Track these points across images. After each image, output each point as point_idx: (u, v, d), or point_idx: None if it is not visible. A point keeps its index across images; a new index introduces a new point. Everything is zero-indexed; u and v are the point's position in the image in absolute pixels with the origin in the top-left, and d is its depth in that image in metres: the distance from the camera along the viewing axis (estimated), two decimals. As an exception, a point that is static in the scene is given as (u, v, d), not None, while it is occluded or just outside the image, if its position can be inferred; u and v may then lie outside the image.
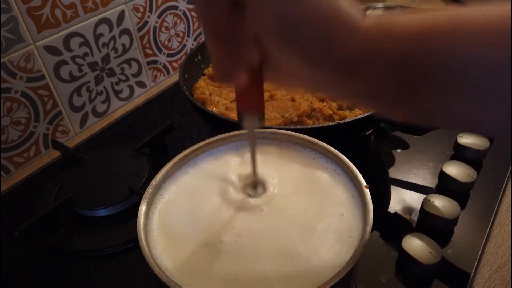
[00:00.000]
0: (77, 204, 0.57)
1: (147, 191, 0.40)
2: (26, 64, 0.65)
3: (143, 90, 0.88)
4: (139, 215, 0.38)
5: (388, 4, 1.09)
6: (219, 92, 0.69)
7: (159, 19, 0.85)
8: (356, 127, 0.56)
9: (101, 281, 0.51)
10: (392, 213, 0.56)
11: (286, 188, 0.42)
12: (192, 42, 0.95)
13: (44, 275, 0.52)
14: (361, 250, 0.33)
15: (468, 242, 0.51)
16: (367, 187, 0.38)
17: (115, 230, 0.55)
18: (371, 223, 0.35)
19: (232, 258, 0.36)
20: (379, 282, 0.47)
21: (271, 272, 0.35)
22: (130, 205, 0.58)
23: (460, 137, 0.63)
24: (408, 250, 0.47)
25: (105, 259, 0.53)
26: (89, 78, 0.75)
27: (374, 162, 0.66)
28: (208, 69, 0.75)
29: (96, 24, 0.73)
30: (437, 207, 0.51)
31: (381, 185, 0.60)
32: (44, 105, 0.69)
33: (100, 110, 0.80)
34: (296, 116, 0.59)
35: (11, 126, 0.66)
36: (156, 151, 0.67)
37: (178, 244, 0.38)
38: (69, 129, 0.75)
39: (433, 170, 0.61)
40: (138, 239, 0.36)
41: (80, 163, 0.64)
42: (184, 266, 0.36)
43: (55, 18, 0.67)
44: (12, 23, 0.62)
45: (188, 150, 0.45)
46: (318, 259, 0.35)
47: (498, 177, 0.59)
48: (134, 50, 0.82)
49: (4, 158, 0.67)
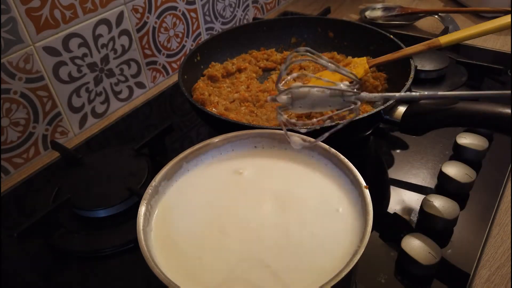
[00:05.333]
0: (76, 205, 0.57)
1: (146, 192, 0.40)
2: (25, 65, 0.65)
3: (143, 91, 0.88)
4: (139, 216, 0.38)
5: (387, 4, 1.09)
6: (218, 92, 0.69)
7: (158, 20, 0.85)
8: (356, 128, 0.56)
9: (101, 282, 0.51)
10: (392, 213, 0.56)
11: (286, 188, 0.42)
12: (191, 42, 0.95)
13: (44, 275, 0.52)
14: (361, 251, 0.33)
15: (467, 242, 0.51)
16: (367, 187, 0.39)
17: (115, 230, 0.55)
18: (371, 223, 0.35)
19: (232, 259, 0.36)
20: (379, 282, 0.47)
21: (271, 274, 0.35)
22: (130, 206, 0.58)
23: (459, 137, 0.63)
24: (407, 250, 0.47)
25: (104, 260, 0.53)
26: (89, 79, 0.75)
27: (374, 162, 0.66)
28: (207, 69, 0.75)
29: (95, 25, 0.73)
30: (437, 207, 0.52)
31: (380, 186, 0.60)
32: (43, 106, 0.69)
33: (99, 111, 0.80)
34: (296, 117, 0.59)
35: (10, 127, 0.66)
36: (155, 151, 0.67)
37: (177, 244, 0.38)
38: (68, 130, 0.75)
39: (432, 171, 0.61)
40: (138, 240, 0.36)
41: (80, 163, 0.64)
42: (184, 266, 0.36)
43: (54, 19, 0.67)
44: (11, 24, 0.62)
45: (187, 151, 0.45)
46: (318, 260, 0.35)
47: (497, 177, 0.59)
48: (133, 51, 0.82)
49: (3, 159, 0.67)
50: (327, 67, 0.38)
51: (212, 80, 0.73)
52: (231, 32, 0.80)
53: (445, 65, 0.78)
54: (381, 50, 0.70)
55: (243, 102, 0.66)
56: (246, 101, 0.66)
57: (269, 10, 1.18)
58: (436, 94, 0.39)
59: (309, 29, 0.83)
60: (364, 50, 0.75)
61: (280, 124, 0.40)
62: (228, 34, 0.80)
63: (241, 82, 0.72)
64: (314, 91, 0.38)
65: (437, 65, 0.78)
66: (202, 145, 0.46)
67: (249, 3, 1.08)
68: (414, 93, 0.40)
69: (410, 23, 1.04)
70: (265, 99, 0.66)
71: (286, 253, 0.36)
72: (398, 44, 0.69)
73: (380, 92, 0.69)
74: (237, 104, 0.66)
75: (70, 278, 0.51)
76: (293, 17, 0.87)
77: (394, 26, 1.03)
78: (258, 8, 1.13)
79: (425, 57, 0.79)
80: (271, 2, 1.17)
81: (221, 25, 1.02)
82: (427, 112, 0.54)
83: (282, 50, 0.83)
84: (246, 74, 0.75)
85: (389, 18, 1.05)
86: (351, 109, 0.39)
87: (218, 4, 0.98)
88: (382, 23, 1.04)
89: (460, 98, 0.51)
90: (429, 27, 1.03)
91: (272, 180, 0.44)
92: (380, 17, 1.06)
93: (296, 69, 0.74)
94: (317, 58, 0.39)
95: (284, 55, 0.80)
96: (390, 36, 0.71)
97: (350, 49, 0.78)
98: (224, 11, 1.01)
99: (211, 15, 0.97)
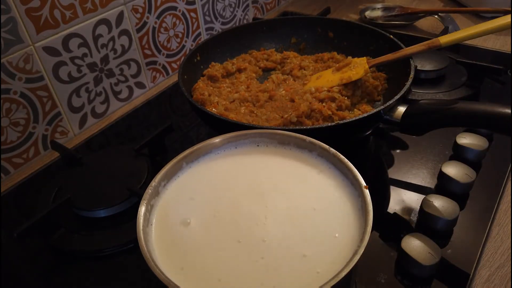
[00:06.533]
0: (76, 205, 0.57)
1: (146, 192, 0.40)
2: (25, 65, 0.65)
3: (142, 91, 0.88)
4: (139, 216, 0.38)
5: (387, 5, 1.09)
6: (218, 92, 0.69)
7: (158, 20, 0.85)
8: (355, 128, 0.56)
9: (101, 282, 0.51)
10: (392, 213, 0.56)
11: (286, 188, 0.42)
12: (191, 42, 0.95)
13: (44, 275, 0.52)
14: (361, 251, 0.33)
15: (467, 242, 0.51)
16: (367, 187, 0.39)
17: (115, 231, 0.55)
18: (371, 223, 0.35)
19: (232, 259, 0.36)
20: (379, 282, 0.47)
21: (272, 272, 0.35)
22: (130, 206, 0.58)
23: (459, 137, 0.63)
24: (407, 250, 0.47)
25: (104, 260, 0.53)
26: (88, 79, 0.75)
27: (374, 162, 0.66)
28: (207, 69, 0.75)
29: (95, 25, 0.73)
30: (436, 207, 0.52)
31: (380, 186, 0.60)
32: (43, 106, 0.69)
33: (99, 111, 0.80)
34: (295, 117, 0.59)
35: (10, 127, 0.66)
36: (155, 151, 0.67)
37: (177, 245, 0.38)
38: (68, 130, 0.75)
39: (432, 171, 0.61)
40: (138, 240, 0.36)
41: (79, 164, 0.64)
42: (184, 267, 0.36)
43: (54, 19, 0.67)
44: (11, 24, 0.62)
45: (187, 151, 0.45)
46: (318, 260, 0.35)
47: (497, 177, 0.59)
48: (133, 51, 0.82)
49: (3, 159, 0.67)
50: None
51: (212, 80, 0.73)
52: (231, 32, 0.80)
53: (445, 65, 0.78)
54: (381, 50, 0.70)
55: (243, 102, 0.66)
56: (246, 101, 0.66)
57: (269, 10, 1.18)
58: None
59: (309, 29, 0.83)
60: (364, 50, 0.75)
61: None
62: (228, 34, 0.80)
63: (241, 82, 0.72)
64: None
65: (437, 65, 0.78)
66: (202, 145, 0.46)
67: (249, 3, 1.08)
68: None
69: (410, 23, 1.04)
70: (265, 99, 0.66)
71: (286, 252, 0.36)
72: (398, 44, 0.69)
73: (380, 92, 0.69)
74: (237, 104, 0.66)
75: (70, 278, 0.51)
76: (293, 17, 0.87)
77: (394, 26, 1.03)
78: (258, 8, 1.13)
79: (425, 57, 0.79)
80: (271, 2, 1.17)
81: (221, 25, 1.02)
82: (427, 112, 0.54)
83: (282, 50, 0.83)
84: (246, 74, 0.75)
85: (389, 18, 1.05)
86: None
87: (218, 4, 0.98)
88: (382, 23, 1.04)
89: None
90: (429, 27, 1.03)
91: (273, 179, 0.44)
92: (380, 17, 1.06)
93: (296, 69, 0.74)
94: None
95: (284, 55, 0.80)
96: (390, 36, 0.71)
97: (350, 49, 0.78)
98: (224, 11, 1.01)
99: (211, 15, 0.97)
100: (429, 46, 0.62)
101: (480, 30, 0.59)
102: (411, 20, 1.04)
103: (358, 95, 0.66)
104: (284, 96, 0.65)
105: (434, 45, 0.62)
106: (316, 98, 0.62)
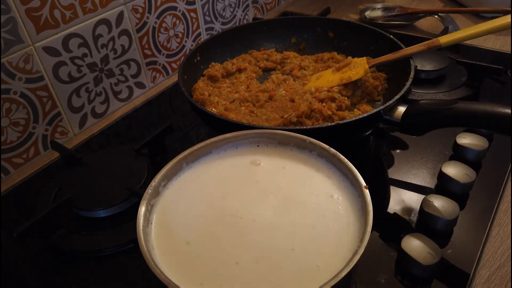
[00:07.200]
0: (76, 205, 0.57)
1: (146, 192, 0.40)
2: (25, 65, 0.65)
3: (142, 91, 0.88)
4: (139, 216, 0.38)
5: (387, 5, 1.09)
6: (218, 92, 0.69)
7: (158, 20, 0.85)
8: (355, 128, 0.56)
9: (101, 282, 0.51)
10: (391, 213, 0.56)
11: (286, 187, 0.43)
12: (191, 42, 0.95)
13: (44, 275, 0.52)
14: (360, 251, 0.33)
15: (467, 243, 0.51)
16: (367, 187, 0.39)
17: (115, 231, 0.55)
18: (371, 223, 0.35)
19: (232, 259, 0.36)
20: (379, 282, 0.47)
21: (271, 273, 0.35)
22: (130, 206, 0.58)
23: (459, 137, 0.63)
24: (407, 250, 0.47)
25: (104, 260, 0.53)
26: (88, 79, 0.75)
27: (373, 162, 0.66)
28: (207, 69, 0.75)
29: (95, 25, 0.73)
30: (436, 207, 0.52)
31: (380, 186, 0.60)
32: (43, 106, 0.69)
33: (99, 111, 0.80)
34: (295, 117, 0.59)
35: (10, 127, 0.66)
36: (155, 152, 0.67)
37: (177, 245, 0.38)
38: (68, 130, 0.75)
39: (432, 171, 0.61)
40: (138, 240, 0.36)
41: (79, 164, 0.64)
42: (184, 267, 0.36)
43: (54, 19, 0.67)
44: (11, 24, 0.62)
45: (187, 151, 0.45)
46: (318, 260, 0.35)
47: (497, 177, 0.59)
48: (133, 51, 0.82)
49: (3, 159, 0.67)
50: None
51: (212, 80, 0.73)
52: (231, 32, 0.80)
53: (445, 65, 0.78)
54: (381, 50, 0.70)
55: (243, 102, 0.66)
56: (246, 101, 0.66)
57: (269, 10, 1.18)
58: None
59: (309, 29, 0.83)
60: (364, 50, 0.75)
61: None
62: (228, 34, 0.80)
63: (241, 82, 0.72)
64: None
65: (437, 65, 0.78)
66: (202, 145, 0.46)
67: (249, 3, 1.08)
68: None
69: (410, 23, 1.04)
70: (265, 99, 0.66)
71: (286, 252, 0.36)
72: (398, 44, 0.69)
73: (380, 92, 0.69)
74: (237, 104, 0.66)
75: (70, 278, 0.51)
76: (293, 17, 0.87)
77: (394, 26, 1.03)
78: (258, 8, 1.13)
79: (425, 57, 0.79)
80: (271, 2, 1.17)
81: (221, 25, 1.02)
82: (427, 112, 0.54)
83: (282, 50, 0.83)
84: (246, 74, 0.75)
85: (389, 18, 1.05)
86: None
87: (218, 4, 0.98)
88: (382, 23, 1.04)
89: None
90: (429, 27, 1.03)
91: (273, 179, 0.44)
92: (380, 17, 1.06)
93: (296, 69, 0.74)
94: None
95: (284, 55, 0.80)
96: (390, 36, 0.71)
97: (350, 49, 0.78)
98: (224, 11, 1.01)
99: (211, 15, 0.97)
100: (429, 46, 0.62)
101: (480, 30, 0.59)
102: (411, 20, 1.04)
103: (358, 95, 0.66)
104: (284, 96, 0.65)
105: (434, 45, 0.62)
106: (316, 98, 0.62)
